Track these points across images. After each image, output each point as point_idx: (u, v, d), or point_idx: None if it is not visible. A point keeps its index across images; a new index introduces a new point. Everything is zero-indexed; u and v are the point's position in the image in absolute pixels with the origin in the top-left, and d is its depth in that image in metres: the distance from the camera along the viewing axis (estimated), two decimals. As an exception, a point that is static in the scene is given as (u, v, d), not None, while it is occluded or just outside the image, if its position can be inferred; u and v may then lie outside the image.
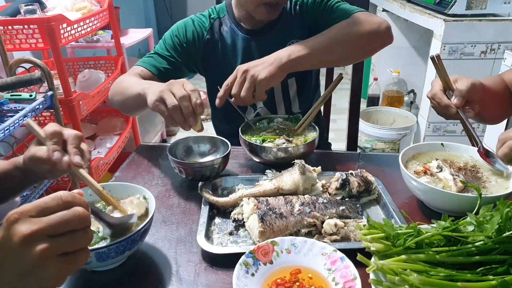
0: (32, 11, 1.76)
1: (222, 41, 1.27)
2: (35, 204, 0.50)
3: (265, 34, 1.26)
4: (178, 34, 1.25)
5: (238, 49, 1.27)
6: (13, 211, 0.49)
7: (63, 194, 0.52)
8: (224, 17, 1.28)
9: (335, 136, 1.61)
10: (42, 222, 0.49)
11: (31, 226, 0.48)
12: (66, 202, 0.52)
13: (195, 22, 1.27)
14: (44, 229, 0.49)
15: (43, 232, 0.49)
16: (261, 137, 1.06)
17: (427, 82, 2.33)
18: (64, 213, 0.50)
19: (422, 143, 1.01)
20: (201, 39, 1.26)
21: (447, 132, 2.40)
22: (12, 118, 1.36)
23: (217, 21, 1.28)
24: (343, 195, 0.90)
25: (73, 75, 2.34)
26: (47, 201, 0.51)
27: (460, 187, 0.83)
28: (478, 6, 2.14)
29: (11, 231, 0.48)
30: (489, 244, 0.60)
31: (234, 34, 1.27)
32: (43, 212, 0.50)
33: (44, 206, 0.50)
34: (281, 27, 1.27)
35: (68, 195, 0.52)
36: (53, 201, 0.51)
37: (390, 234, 0.63)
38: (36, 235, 0.48)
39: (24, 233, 0.48)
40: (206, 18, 1.28)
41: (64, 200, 0.51)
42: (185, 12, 4.88)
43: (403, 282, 0.56)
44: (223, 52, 1.28)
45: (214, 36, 1.27)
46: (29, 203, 0.51)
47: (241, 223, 0.82)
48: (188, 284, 0.70)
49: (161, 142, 3.24)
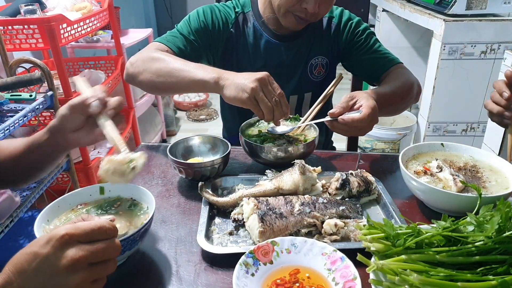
0: (32, 11, 1.76)
1: (244, 38, 1.26)
2: (83, 230, 0.53)
3: (290, 40, 1.26)
4: (205, 19, 1.21)
5: (260, 49, 1.26)
6: (64, 231, 0.52)
7: (107, 225, 0.56)
8: (248, 13, 1.26)
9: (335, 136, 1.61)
10: (88, 250, 0.52)
11: (78, 252, 0.52)
12: (109, 233, 0.56)
13: (221, 12, 1.24)
14: (88, 257, 0.52)
15: (87, 260, 0.52)
16: (261, 137, 1.06)
17: (427, 82, 2.33)
18: (107, 244, 0.55)
19: (422, 143, 1.01)
20: (226, 30, 1.23)
21: (447, 132, 2.40)
22: (12, 118, 1.36)
23: (241, 16, 1.26)
24: (343, 195, 0.90)
25: (73, 75, 2.33)
26: (94, 228, 0.54)
27: (460, 187, 0.83)
28: (478, 6, 2.14)
29: (60, 252, 0.51)
30: (489, 244, 0.60)
31: (257, 33, 1.26)
32: (90, 238, 0.54)
33: (91, 233, 0.54)
34: (307, 37, 1.27)
35: (110, 226, 0.56)
36: (99, 230, 0.54)
37: (390, 234, 0.63)
38: (81, 262, 0.52)
39: (73, 258, 0.51)
40: (232, 10, 1.25)
41: (108, 231, 0.55)
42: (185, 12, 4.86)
43: (403, 282, 0.56)
44: (244, 49, 1.26)
45: (238, 31, 1.25)
46: (77, 226, 0.53)
47: (241, 223, 0.82)
48: (188, 284, 0.70)
49: (161, 142, 3.24)
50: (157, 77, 1.06)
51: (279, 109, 0.92)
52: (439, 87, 2.25)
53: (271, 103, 0.91)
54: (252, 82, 0.90)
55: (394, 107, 1.20)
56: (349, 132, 0.98)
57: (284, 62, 1.28)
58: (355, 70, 1.35)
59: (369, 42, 1.27)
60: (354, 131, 0.96)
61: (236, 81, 0.93)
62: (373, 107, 0.93)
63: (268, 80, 0.92)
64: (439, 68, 2.19)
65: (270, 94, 0.91)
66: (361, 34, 1.27)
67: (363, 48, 1.27)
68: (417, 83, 1.22)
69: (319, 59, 1.30)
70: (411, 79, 1.20)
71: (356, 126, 0.94)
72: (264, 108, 0.91)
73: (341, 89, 1.01)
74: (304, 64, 1.29)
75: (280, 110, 0.92)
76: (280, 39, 1.25)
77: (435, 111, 2.33)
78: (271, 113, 0.92)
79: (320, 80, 1.32)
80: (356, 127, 0.94)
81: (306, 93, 1.33)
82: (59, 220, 0.75)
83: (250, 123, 1.13)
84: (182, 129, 3.60)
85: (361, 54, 1.27)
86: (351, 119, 0.93)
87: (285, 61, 1.28)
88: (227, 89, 0.94)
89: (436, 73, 2.21)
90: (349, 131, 0.97)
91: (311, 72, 1.31)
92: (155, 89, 1.12)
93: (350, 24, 1.27)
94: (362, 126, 0.94)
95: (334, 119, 0.96)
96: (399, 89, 1.15)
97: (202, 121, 3.69)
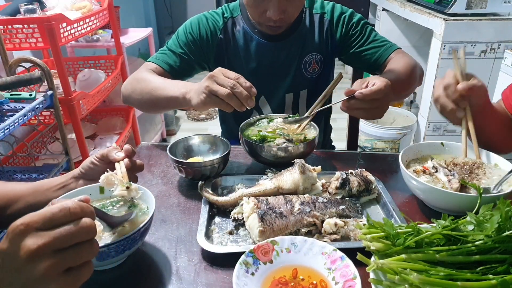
0: (32, 10, 1.76)
1: (235, 42, 1.27)
2: (41, 215, 0.48)
3: (280, 40, 1.26)
4: (192, 31, 1.24)
5: (251, 52, 1.27)
6: (19, 222, 0.47)
7: (71, 205, 0.50)
8: (237, 17, 1.28)
9: (335, 136, 1.61)
10: (49, 236, 0.47)
11: (37, 240, 0.46)
12: (74, 213, 0.50)
13: (209, 20, 1.25)
14: (51, 244, 0.47)
15: (49, 247, 0.47)
16: (261, 136, 1.06)
17: (427, 81, 2.33)
18: (71, 226, 0.49)
19: (422, 143, 1.01)
20: (215, 38, 1.25)
21: (447, 132, 2.40)
22: (12, 118, 1.36)
23: (230, 21, 1.27)
24: (343, 194, 0.90)
25: (73, 75, 2.34)
26: (55, 211, 0.49)
27: (456, 188, 0.83)
28: (478, 6, 2.14)
29: (16, 244, 0.47)
30: (489, 243, 0.60)
31: (247, 36, 1.26)
32: (50, 224, 0.48)
33: (51, 217, 0.48)
34: (298, 35, 1.27)
35: (76, 206, 0.50)
36: (61, 212, 0.49)
37: (390, 233, 0.63)
38: (42, 251, 0.47)
39: (31, 248, 0.46)
40: (220, 16, 1.27)
41: (72, 212, 0.49)
42: (185, 12, 4.88)
43: (403, 281, 0.56)
44: (235, 53, 1.27)
45: (227, 36, 1.26)
46: (35, 213, 0.48)
47: (241, 222, 0.82)
48: (188, 284, 0.70)
49: (161, 141, 3.24)
50: (141, 97, 1.14)
51: (239, 88, 0.88)
52: (439, 87, 2.24)
53: (228, 88, 0.89)
54: (205, 81, 0.92)
55: (400, 92, 1.20)
56: (366, 111, 0.95)
57: (277, 61, 1.28)
58: (355, 63, 1.35)
59: (365, 33, 1.26)
60: (372, 109, 0.94)
61: (195, 88, 0.96)
62: (386, 81, 0.93)
63: (220, 72, 0.92)
64: (439, 67, 2.19)
65: (225, 82, 0.89)
66: (355, 27, 1.26)
67: (360, 40, 1.26)
68: (418, 66, 1.23)
69: (312, 56, 1.29)
70: (412, 62, 1.20)
71: (374, 100, 0.92)
72: (223, 97, 0.88)
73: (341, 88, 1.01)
74: (298, 62, 1.29)
75: (240, 90, 0.88)
76: (270, 39, 1.26)
77: (435, 110, 2.32)
78: (232, 97, 0.88)
79: (315, 77, 1.32)
80: (373, 101, 0.92)
81: (301, 90, 1.33)
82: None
83: (250, 123, 1.13)
84: (182, 128, 3.60)
85: (358, 46, 1.26)
86: (369, 90, 0.91)
87: (278, 60, 1.28)
88: (191, 100, 0.97)
89: (436, 73, 2.21)
90: (367, 109, 0.94)
91: (305, 70, 1.30)
92: (144, 108, 1.21)
93: (344, 18, 1.27)
94: (379, 98, 0.91)
95: (351, 97, 0.93)
96: (402, 74, 1.15)
97: (202, 120, 3.69)
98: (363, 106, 0.93)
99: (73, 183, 0.83)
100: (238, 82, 0.89)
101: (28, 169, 1.72)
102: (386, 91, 0.92)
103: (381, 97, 0.92)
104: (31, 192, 0.82)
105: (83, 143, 1.97)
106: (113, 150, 0.82)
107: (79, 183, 0.83)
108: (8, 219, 0.81)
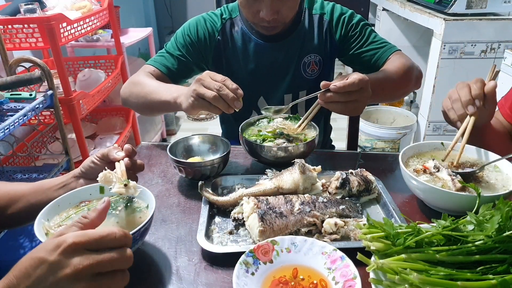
0: (32, 10, 1.76)
1: (233, 43, 1.27)
2: (92, 237, 0.52)
3: (278, 40, 1.26)
4: (190, 33, 1.25)
5: (250, 53, 1.27)
6: (72, 239, 0.51)
7: (118, 233, 0.54)
8: (236, 18, 1.28)
9: (335, 136, 1.61)
10: (93, 259, 0.51)
11: (83, 260, 0.50)
12: (119, 240, 0.54)
13: (207, 22, 1.26)
14: (94, 266, 0.51)
15: (92, 270, 0.51)
16: (261, 136, 1.06)
17: (428, 81, 2.33)
18: (114, 254, 0.53)
19: (422, 142, 1.01)
20: (212, 39, 1.26)
21: (447, 131, 2.40)
22: (12, 117, 1.36)
23: (228, 22, 1.27)
24: (343, 194, 0.90)
25: (73, 74, 2.34)
26: (103, 235, 0.53)
27: (458, 188, 0.83)
28: (478, 5, 2.14)
29: (64, 260, 0.50)
30: (489, 243, 0.60)
31: (245, 37, 1.27)
32: (97, 246, 0.52)
33: (99, 240, 0.52)
34: (296, 36, 1.27)
35: (122, 234, 0.54)
36: (108, 237, 0.53)
37: (390, 233, 0.63)
38: (86, 272, 0.50)
39: (76, 267, 0.50)
40: (218, 18, 1.27)
41: (117, 238, 0.54)
42: (185, 12, 4.88)
43: (403, 281, 0.56)
44: (233, 54, 1.27)
45: (226, 37, 1.27)
46: (85, 233, 0.52)
47: (241, 222, 0.82)
48: (188, 283, 0.70)
49: (161, 141, 3.24)
50: (137, 101, 1.15)
51: (225, 90, 0.89)
52: (439, 87, 2.25)
53: (214, 91, 0.89)
54: (193, 85, 0.93)
55: (390, 92, 1.19)
56: (343, 105, 0.94)
57: (276, 62, 1.28)
58: (354, 64, 1.34)
59: (364, 34, 1.26)
60: (348, 102, 0.93)
61: (184, 93, 0.98)
62: (363, 76, 0.92)
63: (207, 75, 0.92)
64: (439, 67, 2.19)
65: (211, 84, 0.90)
66: (355, 28, 1.26)
67: (359, 42, 1.26)
68: (416, 68, 1.22)
69: (311, 57, 1.29)
70: (408, 64, 1.20)
71: (349, 94, 0.91)
72: (210, 100, 0.89)
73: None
74: (297, 63, 1.29)
75: (226, 92, 0.89)
76: (269, 40, 1.26)
77: (435, 110, 2.33)
78: (219, 100, 0.89)
79: (314, 78, 1.32)
80: (349, 95, 0.92)
81: (300, 91, 1.32)
82: (59, 216, 0.75)
83: (250, 123, 1.13)
84: (182, 128, 3.60)
85: (358, 47, 1.26)
86: (343, 83, 0.91)
87: (277, 61, 1.28)
88: (182, 104, 0.98)
89: (436, 73, 2.21)
90: (343, 102, 0.94)
91: (304, 70, 1.30)
92: (141, 111, 1.21)
93: (343, 19, 1.26)
94: (354, 92, 0.91)
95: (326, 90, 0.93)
96: (394, 74, 1.14)
97: (202, 120, 3.69)
98: (338, 99, 0.93)
99: (73, 182, 0.84)
100: (225, 84, 0.90)
101: (28, 169, 1.72)
102: (361, 85, 0.91)
103: (355, 90, 0.91)
104: (32, 191, 0.82)
105: (83, 143, 1.97)
106: (114, 149, 0.83)
107: (79, 183, 0.84)
108: (9, 218, 0.81)
